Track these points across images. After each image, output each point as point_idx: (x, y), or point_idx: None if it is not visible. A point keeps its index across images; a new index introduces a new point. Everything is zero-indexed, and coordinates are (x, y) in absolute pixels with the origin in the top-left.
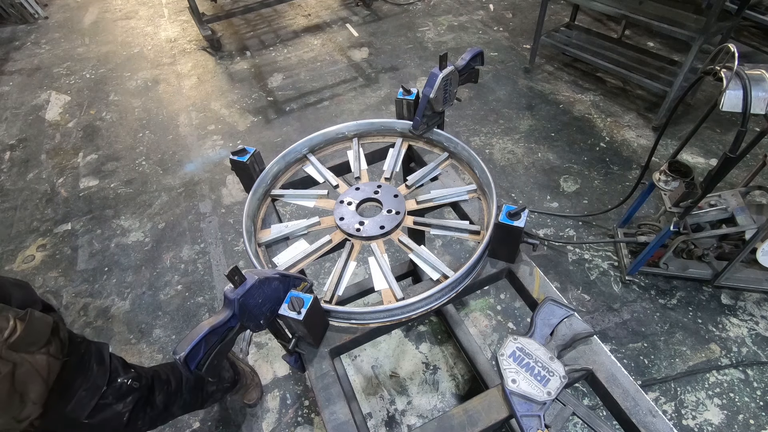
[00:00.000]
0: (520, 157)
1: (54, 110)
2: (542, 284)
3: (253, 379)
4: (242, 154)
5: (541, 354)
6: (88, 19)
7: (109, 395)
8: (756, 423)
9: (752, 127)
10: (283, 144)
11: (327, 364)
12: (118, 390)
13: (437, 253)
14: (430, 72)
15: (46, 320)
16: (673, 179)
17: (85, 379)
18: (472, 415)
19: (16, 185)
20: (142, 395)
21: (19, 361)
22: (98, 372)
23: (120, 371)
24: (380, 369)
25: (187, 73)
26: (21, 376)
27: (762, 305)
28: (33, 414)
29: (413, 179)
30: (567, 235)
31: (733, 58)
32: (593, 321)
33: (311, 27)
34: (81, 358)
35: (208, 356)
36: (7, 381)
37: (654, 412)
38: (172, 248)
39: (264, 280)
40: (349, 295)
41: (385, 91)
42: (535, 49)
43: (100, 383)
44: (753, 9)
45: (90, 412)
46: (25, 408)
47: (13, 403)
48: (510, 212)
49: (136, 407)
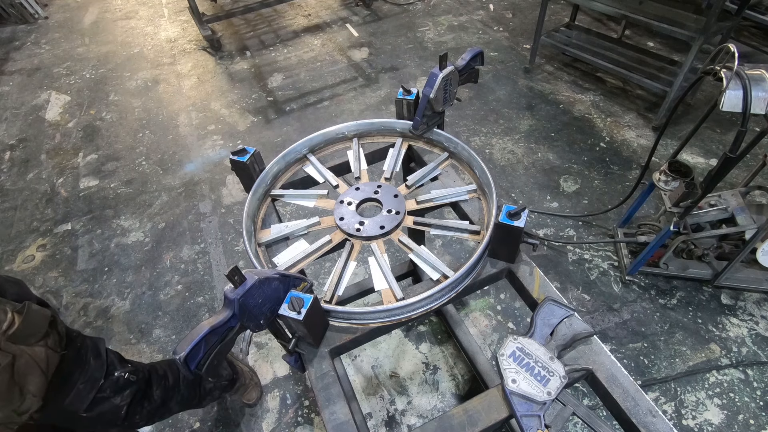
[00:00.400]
0: (520, 157)
1: (54, 110)
2: (542, 284)
3: (252, 378)
4: (242, 154)
5: (541, 354)
6: (88, 19)
7: (107, 388)
8: (756, 423)
9: (752, 127)
10: (283, 144)
11: (327, 364)
12: (116, 383)
13: (437, 253)
14: (430, 72)
15: (44, 313)
16: (673, 179)
17: (83, 373)
18: (472, 415)
19: (16, 185)
20: (139, 389)
21: (18, 353)
22: (95, 365)
23: (117, 365)
24: (380, 369)
25: (187, 73)
26: (20, 368)
27: (762, 305)
28: (33, 407)
29: (413, 179)
30: (567, 235)
31: (733, 58)
32: (593, 321)
33: (311, 27)
34: (78, 352)
35: (208, 356)
36: (6, 373)
37: (654, 412)
38: (172, 248)
39: (264, 280)
40: (349, 295)
41: (385, 91)
42: (535, 49)
43: (97, 376)
44: (753, 9)
45: (88, 405)
46: (25, 401)
47: (13, 395)
48: (510, 212)
49: (133, 401)
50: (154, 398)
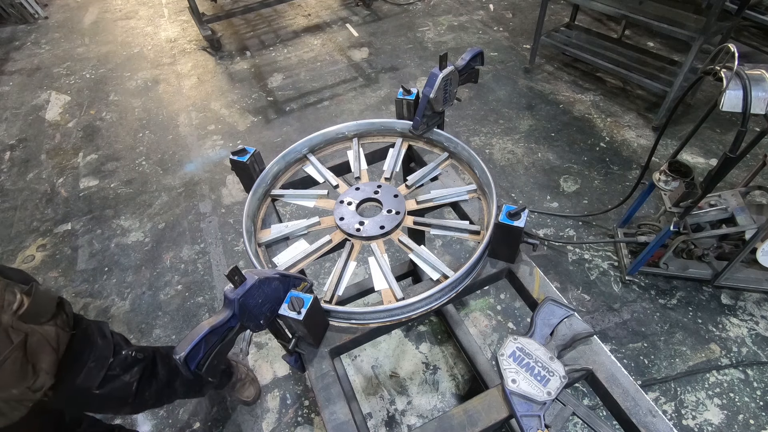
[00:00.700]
0: (520, 157)
1: (54, 110)
2: (542, 284)
3: (247, 374)
4: (242, 154)
5: (541, 354)
6: (88, 19)
7: (116, 367)
8: (756, 423)
9: (752, 127)
10: (283, 144)
11: (327, 364)
12: (124, 361)
13: (437, 253)
14: (430, 72)
15: (51, 294)
16: (673, 179)
17: (92, 352)
18: (472, 415)
19: (16, 185)
20: (147, 366)
21: (30, 331)
22: (103, 345)
23: (123, 345)
24: (380, 369)
25: (187, 73)
26: (33, 346)
27: (762, 305)
28: (46, 383)
29: (413, 179)
30: (567, 235)
31: (733, 58)
32: (593, 321)
33: (311, 27)
34: (85, 333)
35: (208, 356)
36: (20, 350)
37: (654, 412)
38: (172, 248)
39: (264, 280)
40: (349, 295)
41: (385, 91)
42: (535, 49)
43: (106, 354)
44: (753, 9)
45: (100, 382)
46: (38, 378)
47: (27, 372)
48: (510, 212)
49: (142, 378)
50: (160, 377)
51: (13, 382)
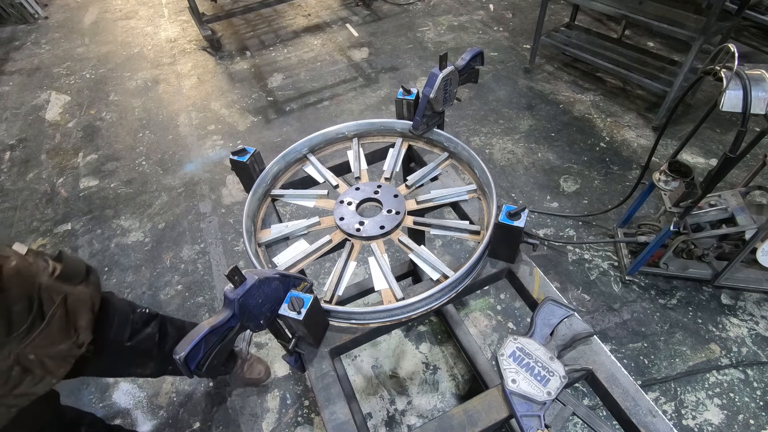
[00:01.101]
0: (520, 157)
1: (54, 110)
2: (542, 284)
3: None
4: (242, 154)
5: (541, 354)
6: (88, 19)
7: (138, 321)
8: (756, 423)
9: (752, 127)
10: (283, 144)
11: (327, 364)
12: (142, 316)
13: (437, 253)
14: (430, 72)
15: (79, 259)
16: (673, 179)
17: (116, 311)
18: (472, 415)
19: (16, 185)
20: (162, 320)
21: (68, 291)
22: (122, 304)
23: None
24: (380, 369)
25: (187, 73)
26: (72, 305)
27: (762, 305)
28: (87, 339)
29: (413, 179)
30: (567, 235)
31: (733, 58)
32: (593, 321)
33: (311, 27)
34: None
35: (208, 356)
36: (62, 308)
37: (654, 412)
38: (172, 248)
39: (264, 280)
40: (349, 295)
41: (385, 91)
42: (535, 49)
43: (127, 310)
44: (753, 9)
45: (129, 335)
46: (79, 334)
47: (70, 330)
48: (510, 212)
49: (161, 331)
50: (170, 335)
51: (60, 339)
